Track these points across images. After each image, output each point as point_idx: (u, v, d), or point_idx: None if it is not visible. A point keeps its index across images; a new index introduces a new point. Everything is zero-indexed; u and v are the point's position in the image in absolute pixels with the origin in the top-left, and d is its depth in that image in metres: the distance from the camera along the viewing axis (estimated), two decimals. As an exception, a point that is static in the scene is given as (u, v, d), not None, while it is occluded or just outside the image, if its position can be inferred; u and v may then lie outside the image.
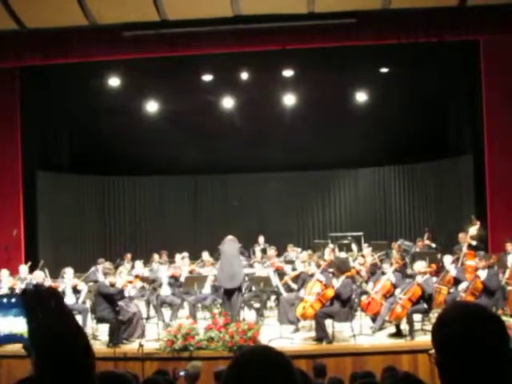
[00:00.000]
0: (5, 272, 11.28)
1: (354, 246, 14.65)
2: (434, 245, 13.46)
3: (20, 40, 11.59)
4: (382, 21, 11.21)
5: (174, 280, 11.21)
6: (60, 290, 10.35)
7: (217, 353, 8.68)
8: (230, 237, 10.36)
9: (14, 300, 4.65)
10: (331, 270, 10.04)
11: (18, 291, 10.50)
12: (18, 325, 4.66)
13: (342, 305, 8.99)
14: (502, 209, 12.73)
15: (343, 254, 13.64)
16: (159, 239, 17.11)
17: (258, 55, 13.13)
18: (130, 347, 9.20)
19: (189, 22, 11.24)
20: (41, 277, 10.06)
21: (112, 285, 9.72)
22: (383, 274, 10.09)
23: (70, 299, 10.44)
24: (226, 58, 13.23)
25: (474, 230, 11.81)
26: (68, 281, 10.59)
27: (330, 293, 9.06)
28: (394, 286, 9.78)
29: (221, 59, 13.30)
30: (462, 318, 1.84)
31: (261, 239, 15.48)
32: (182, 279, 11.22)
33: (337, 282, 9.22)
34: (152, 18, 11.07)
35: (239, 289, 9.92)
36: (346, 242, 14.77)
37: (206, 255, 12.88)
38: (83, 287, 10.85)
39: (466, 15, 11.05)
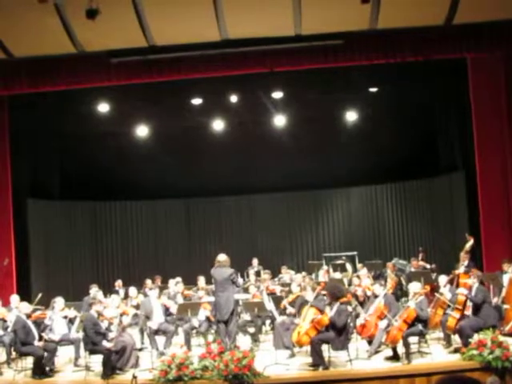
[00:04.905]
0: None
1: (348, 266, 14.57)
2: (428, 266, 13.38)
3: (8, 68, 11.57)
4: (370, 41, 11.27)
5: (165, 309, 11.06)
6: (49, 319, 10.21)
7: (211, 382, 8.54)
8: (221, 258, 10.08)
9: None
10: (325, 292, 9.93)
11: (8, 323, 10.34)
12: None
13: (338, 333, 8.86)
14: (495, 225, 12.68)
15: (338, 275, 13.56)
16: (152, 264, 17.03)
17: (247, 78, 13.14)
18: (124, 378, 9.03)
19: (177, 47, 11.25)
20: (27, 308, 9.89)
21: (100, 314, 9.58)
22: (375, 297, 9.99)
23: (61, 329, 10.28)
24: (215, 82, 13.25)
25: (468, 246, 11.86)
26: (58, 311, 10.43)
27: (326, 319, 8.94)
28: (388, 306, 9.66)
29: (210, 82, 13.31)
30: None
31: (254, 261, 15.39)
32: (173, 311, 11.06)
33: (330, 310, 9.10)
34: (140, 43, 11.08)
35: (232, 315, 9.81)
36: (340, 262, 14.69)
37: (202, 280, 12.63)
38: (75, 315, 10.68)
39: (452, 34, 11.11)
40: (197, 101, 15.10)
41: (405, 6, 10.32)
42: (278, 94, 14.86)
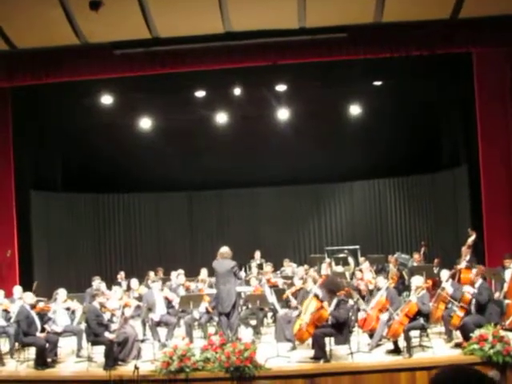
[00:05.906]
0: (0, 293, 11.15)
1: (350, 260, 14.58)
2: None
3: (11, 60, 11.54)
4: (374, 35, 11.19)
5: (168, 302, 11.07)
6: (52, 311, 10.25)
7: (213, 374, 8.57)
8: (223, 250, 10.18)
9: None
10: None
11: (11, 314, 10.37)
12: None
13: (340, 329, 8.86)
14: (498, 219, 12.65)
15: (340, 268, 13.57)
16: (155, 256, 17.06)
17: (251, 70, 13.09)
18: (126, 369, 9.05)
19: (180, 39, 11.20)
20: (31, 298, 9.92)
21: (102, 305, 9.61)
22: (378, 289, 9.99)
23: (63, 321, 10.32)
24: (219, 74, 13.20)
25: (470, 240, 11.84)
26: (60, 302, 10.46)
27: (325, 314, 8.94)
28: (390, 300, 9.66)
29: (213, 75, 13.27)
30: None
31: (257, 254, 15.38)
32: (175, 304, 11.07)
33: (330, 306, 9.09)
34: (143, 35, 11.04)
35: (234, 308, 9.84)
36: (342, 255, 14.69)
37: (204, 273, 12.67)
38: (77, 307, 10.72)
39: (458, 28, 11.03)
40: (200, 93, 15.06)
41: (410, 0, 10.26)
42: (281, 87, 14.81)
